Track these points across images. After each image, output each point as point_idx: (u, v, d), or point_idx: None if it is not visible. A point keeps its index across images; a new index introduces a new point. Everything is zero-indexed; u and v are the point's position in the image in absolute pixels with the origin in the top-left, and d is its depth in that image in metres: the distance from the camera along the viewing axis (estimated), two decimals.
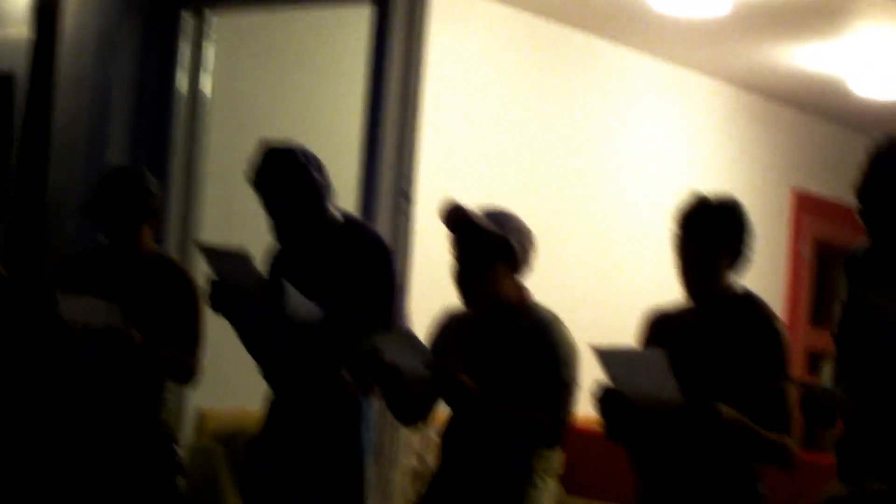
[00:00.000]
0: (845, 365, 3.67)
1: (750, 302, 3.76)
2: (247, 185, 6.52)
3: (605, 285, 7.85)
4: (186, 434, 6.15)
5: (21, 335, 5.65)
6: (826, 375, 3.77)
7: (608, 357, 3.53)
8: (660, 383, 3.46)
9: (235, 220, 6.39)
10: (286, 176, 4.28)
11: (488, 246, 3.91)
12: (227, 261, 4.26)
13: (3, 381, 5.73)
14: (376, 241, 4.37)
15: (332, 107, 6.82)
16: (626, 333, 4.05)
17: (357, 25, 5.85)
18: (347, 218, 4.43)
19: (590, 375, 3.77)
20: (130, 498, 4.71)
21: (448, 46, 6.66)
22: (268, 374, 4.45)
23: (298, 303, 4.12)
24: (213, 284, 4.26)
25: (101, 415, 4.73)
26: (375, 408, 4.36)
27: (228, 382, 5.14)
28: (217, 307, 4.28)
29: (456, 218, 3.95)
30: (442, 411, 4.09)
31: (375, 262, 4.29)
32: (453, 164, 6.92)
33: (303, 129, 6.75)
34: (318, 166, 4.33)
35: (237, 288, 4.23)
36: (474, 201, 3.99)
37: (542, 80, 7.52)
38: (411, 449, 6.38)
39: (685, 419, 3.50)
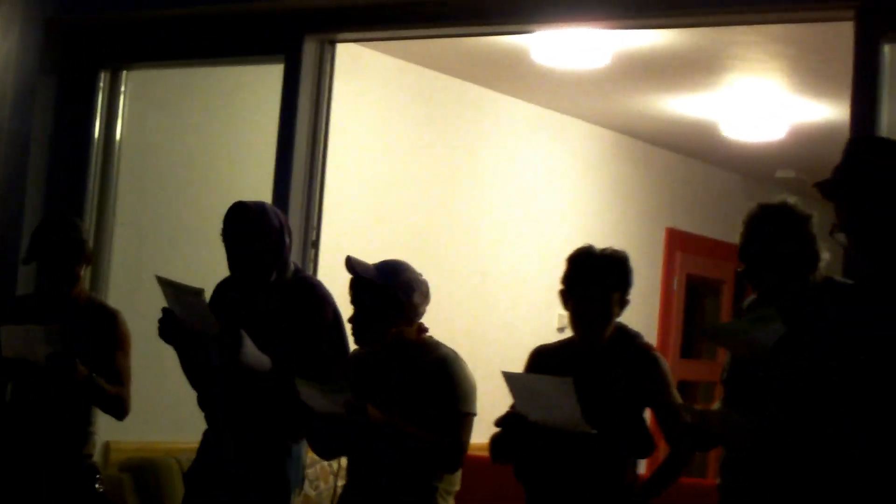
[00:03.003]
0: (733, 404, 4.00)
1: (625, 335, 4.22)
2: (156, 228, 6.65)
3: (484, 320, 8.17)
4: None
5: None
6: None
7: (514, 381, 3.96)
8: (563, 408, 3.84)
9: (145, 259, 6.62)
10: (249, 229, 4.52)
11: (376, 297, 4.28)
12: (184, 296, 4.41)
13: None
14: (320, 295, 4.61)
15: (242, 155, 6.97)
16: (501, 363, 4.41)
17: (267, 78, 6.07)
18: (297, 272, 4.67)
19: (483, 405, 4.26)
20: None
21: (345, 98, 6.82)
22: (204, 406, 4.68)
23: (252, 352, 4.36)
24: (165, 313, 4.44)
25: (27, 446, 4.91)
26: (302, 445, 4.66)
27: (133, 415, 5.36)
28: (165, 336, 4.47)
29: (349, 270, 4.31)
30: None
31: (317, 316, 4.56)
32: (350, 212, 7.15)
33: (214, 178, 6.94)
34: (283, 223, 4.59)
35: (189, 323, 4.40)
36: (371, 242, 4.11)
37: (432, 128, 7.81)
38: (307, 478, 6.67)
39: (588, 442, 3.91)
